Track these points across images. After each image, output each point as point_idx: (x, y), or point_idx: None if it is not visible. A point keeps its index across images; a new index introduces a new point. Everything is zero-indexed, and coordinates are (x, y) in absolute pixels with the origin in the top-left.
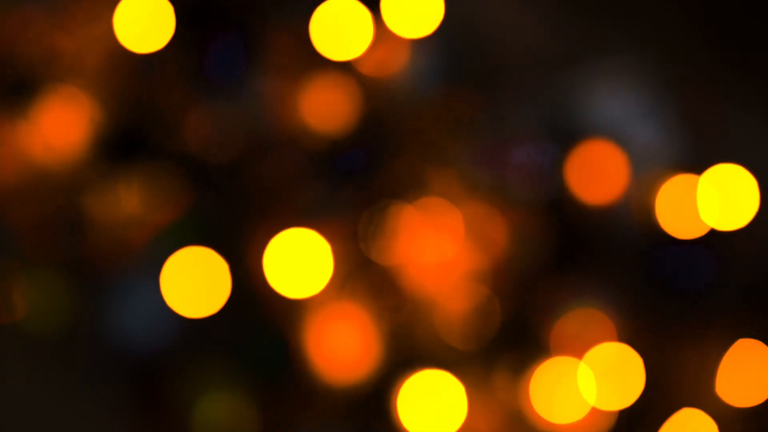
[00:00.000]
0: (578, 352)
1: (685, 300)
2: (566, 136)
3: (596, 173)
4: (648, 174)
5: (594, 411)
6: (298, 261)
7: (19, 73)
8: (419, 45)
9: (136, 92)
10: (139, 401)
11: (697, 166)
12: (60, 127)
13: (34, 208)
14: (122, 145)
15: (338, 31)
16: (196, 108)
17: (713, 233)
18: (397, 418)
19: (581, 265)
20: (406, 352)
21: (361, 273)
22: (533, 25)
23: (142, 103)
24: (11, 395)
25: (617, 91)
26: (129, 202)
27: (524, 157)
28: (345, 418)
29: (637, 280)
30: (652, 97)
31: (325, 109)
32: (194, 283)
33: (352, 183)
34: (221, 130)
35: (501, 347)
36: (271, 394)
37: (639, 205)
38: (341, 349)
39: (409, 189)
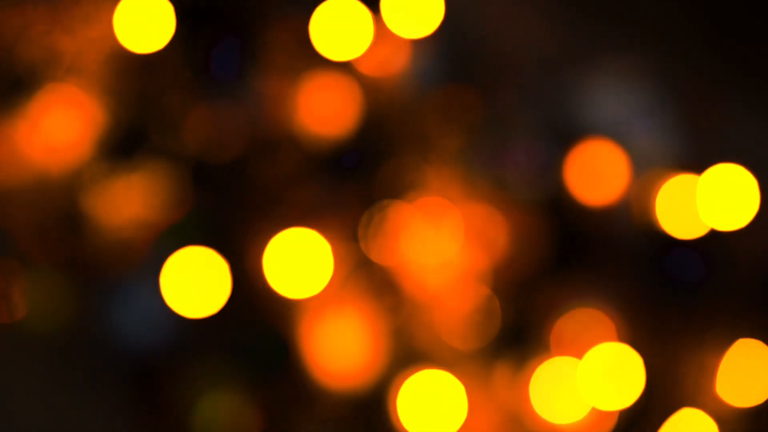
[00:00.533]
0: (578, 352)
1: (685, 300)
2: (566, 136)
3: (596, 173)
4: (648, 174)
5: (594, 411)
6: (298, 261)
7: (19, 73)
8: (419, 45)
9: (136, 92)
10: (139, 401)
11: (697, 166)
12: (60, 127)
13: (34, 209)
14: (122, 145)
15: (338, 31)
16: (196, 108)
17: (713, 233)
18: (397, 418)
19: (581, 265)
20: (406, 352)
21: (361, 273)
22: (533, 25)
23: (142, 103)
24: (11, 395)
25: (617, 91)
26: (129, 202)
27: (524, 157)
28: (345, 418)
29: (637, 280)
30: (652, 97)
31: (324, 109)
32: (194, 283)
33: (352, 183)
34: (221, 130)
35: (501, 347)
36: (271, 394)
37: (639, 205)
38: (341, 349)
39: (409, 189)
